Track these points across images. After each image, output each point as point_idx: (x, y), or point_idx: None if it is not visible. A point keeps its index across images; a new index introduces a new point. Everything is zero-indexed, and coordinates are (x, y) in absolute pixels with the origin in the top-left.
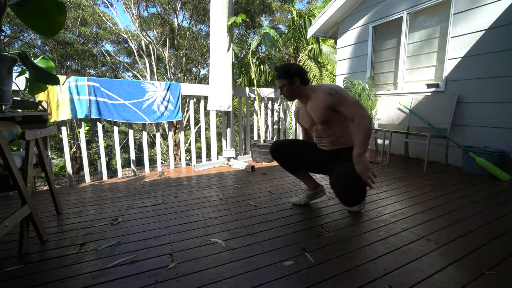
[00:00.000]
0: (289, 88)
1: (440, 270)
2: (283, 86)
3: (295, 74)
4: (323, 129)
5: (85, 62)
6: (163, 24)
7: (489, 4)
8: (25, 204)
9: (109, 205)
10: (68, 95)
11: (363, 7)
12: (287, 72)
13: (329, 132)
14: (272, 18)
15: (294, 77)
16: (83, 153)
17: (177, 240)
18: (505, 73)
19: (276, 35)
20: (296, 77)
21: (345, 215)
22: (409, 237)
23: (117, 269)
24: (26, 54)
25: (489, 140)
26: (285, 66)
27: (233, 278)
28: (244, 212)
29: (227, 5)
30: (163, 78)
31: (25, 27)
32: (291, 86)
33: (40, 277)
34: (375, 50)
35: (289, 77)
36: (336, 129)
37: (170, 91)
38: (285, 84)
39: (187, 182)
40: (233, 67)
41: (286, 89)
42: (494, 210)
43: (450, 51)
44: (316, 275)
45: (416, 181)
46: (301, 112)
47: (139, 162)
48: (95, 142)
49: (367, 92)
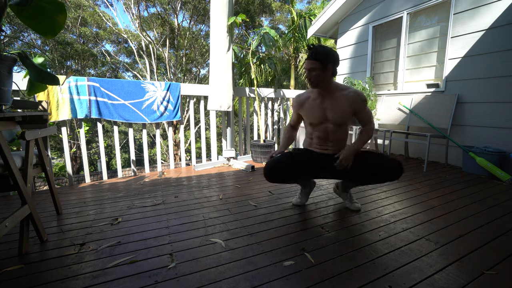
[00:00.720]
0: (320, 74)
1: (440, 270)
2: (313, 69)
3: (331, 61)
4: (333, 131)
5: (85, 62)
6: (163, 24)
7: (489, 4)
8: (25, 204)
9: (109, 205)
10: (68, 95)
11: (363, 7)
12: (325, 56)
13: (336, 136)
14: (272, 18)
15: (329, 64)
16: (83, 153)
17: (177, 240)
18: (505, 73)
19: (276, 35)
20: (331, 65)
21: (345, 215)
22: (409, 237)
23: (117, 269)
24: (26, 54)
25: (489, 140)
26: (324, 48)
27: (233, 278)
28: (244, 212)
29: (227, 5)
30: (163, 78)
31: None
32: (323, 72)
33: (40, 277)
34: (375, 50)
35: (325, 62)
36: (343, 133)
37: (170, 91)
38: (317, 68)
39: (187, 182)
40: (233, 67)
41: (316, 74)
42: (494, 210)
43: (450, 51)
44: (316, 275)
45: (416, 181)
46: (312, 104)
47: (139, 162)
48: (95, 142)
49: (367, 92)
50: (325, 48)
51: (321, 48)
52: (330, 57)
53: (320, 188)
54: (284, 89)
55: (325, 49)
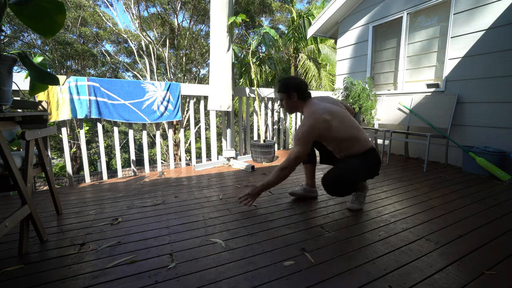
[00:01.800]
0: (288, 101)
1: (440, 270)
2: (282, 99)
3: (293, 89)
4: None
5: (85, 62)
6: (163, 24)
7: (489, 4)
8: (25, 204)
9: (109, 205)
10: (68, 95)
11: (363, 7)
12: (286, 87)
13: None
14: (272, 18)
15: (291, 92)
16: (83, 153)
17: (177, 240)
18: (505, 73)
19: (276, 35)
20: (294, 92)
21: (345, 215)
22: (409, 237)
23: (117, 269)
24: (26, 54)
25: (489, 140)
26: (285, 80)
27: (233, 278)
28: (244, 212)
29: (227, 5)
30: (163, 78)
31: (25, 27)
32: (289, 100)
33: (40, 277)
34: (375, 50)
35: (287, 91)
36: (333, 146)
37: (170, 91)
38: (284, 98)
39: (187, 182)
40: (233, 67)
41: (285, 102)
42: (494, 210)
43: (450, 51)
44: (316, 275)
45: (416, 181)
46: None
47: (139, 162)
48: (95, 142)
49: (367, 92)
50: (287, 80)
51: (283, 81)
52: (291, 87)
53: (320, 188)
54: None
55: (287, 80)
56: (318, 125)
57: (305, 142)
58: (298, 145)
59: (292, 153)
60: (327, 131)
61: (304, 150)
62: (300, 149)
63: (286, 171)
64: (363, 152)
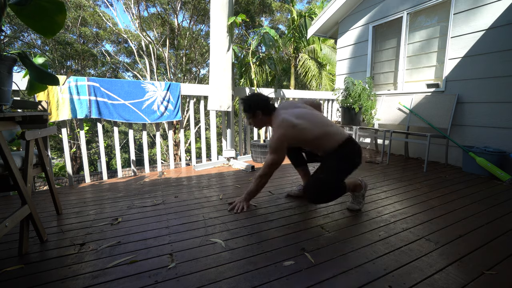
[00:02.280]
0: (254, 120)
1: (440, 270)
2: (248, 118)
3: (256, 107)
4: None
5: (85, 62)
6: (163, 24)
7: (489, 4)
8: (25, 204)
9: (109, 205)
10: (68, 95)
11: (363, 7)
12: (249, 107)
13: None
14: (272, 18)
15: (255, 110)
16: (83, 153)
17: (177, 240)
18: (505, 73)
19: (276, 35)
20: (258, 110)
21: (345, 215)
22: (409, 237)
23: (117, 269)
24: (26, 54)
25: (489, 140)
26: (247, 100)
27: (233, 278)
28: (244, 212)
29: (227, 5)
30: (163, 78)
31: (25, 27)
32: (255, 119)
33: (40, 277)
34: (375, 50)
35: (251, 111)
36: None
37: (170, 91)
38: (250, 116)
39: (187, 182)
40: (233, 67)
41: (252, 121)
42: (494, 210)
43: (450, 51)
44: (316, 275)
45: (416, 181)
46: None
47: (139, 162)
48: (95, 142)
49: (367, 92)
50: (249, 100)
51: (246, 102)
52: (254, 106)
53: None
54: (284, 89)
55: (249, 101)
56: (287, 133)
57: (278, 150)
58: (272, 154)
59: (268, 161)
60: (298, 135)
61: (279, 157)
62: (274, 157)
63: (265, 178)
64: (339, 145)
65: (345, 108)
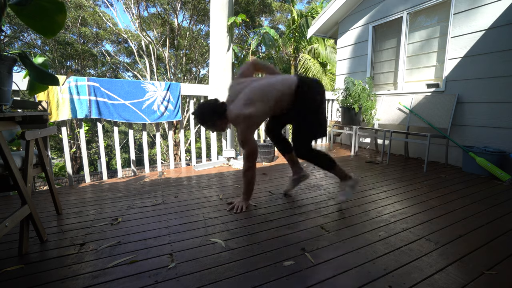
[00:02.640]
0: (214, 129)
1: (440, 270)
2: (209, 127)
3: (210, 116)
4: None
5: (85, 62)
6: (163, 24)
7: (489, 4)
8: (25, 204)
9: (109, 205)
10: (68, 95)
11: (363, 7)
12: (201, 120)
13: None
14: (272, 18)
15: (207, 122)
16: (83, 153)
17: (177, 240)
18: (505, 73)
19: (276, 35)
20: (213, 118)
21: (345, 215)
22: (409, 237)
23: (117, 269)
24: (26, 54)
25: (489, 140)
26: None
27: (233, 278)
28: (244, 212)
29: (227, 5)
30: (163, 78)
31: (25, 27)
32: (214, 127)
33: (40, 277)
34: (375, 50)
35: (204, 122)
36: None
37: (170, 91)
38: (208, 127)
39: (187, 182)
40: (233, 67)
41: (213, 129)
42: (494, 210)
43: (450, 51)
44: (316, 275)
45: (416, 181)
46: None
47: (139, 162)
48: (95, 142)
49: (367, 92)
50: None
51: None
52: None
53: (320, 188)
54: None
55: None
56: (247, 124)
57: (247, 141)
58: (244, 147)
59: (245, 154)
60: (256, 120)
61: (251, 146)
62: (247, 148)
63: (250, 171)
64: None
65: (345, 108)
